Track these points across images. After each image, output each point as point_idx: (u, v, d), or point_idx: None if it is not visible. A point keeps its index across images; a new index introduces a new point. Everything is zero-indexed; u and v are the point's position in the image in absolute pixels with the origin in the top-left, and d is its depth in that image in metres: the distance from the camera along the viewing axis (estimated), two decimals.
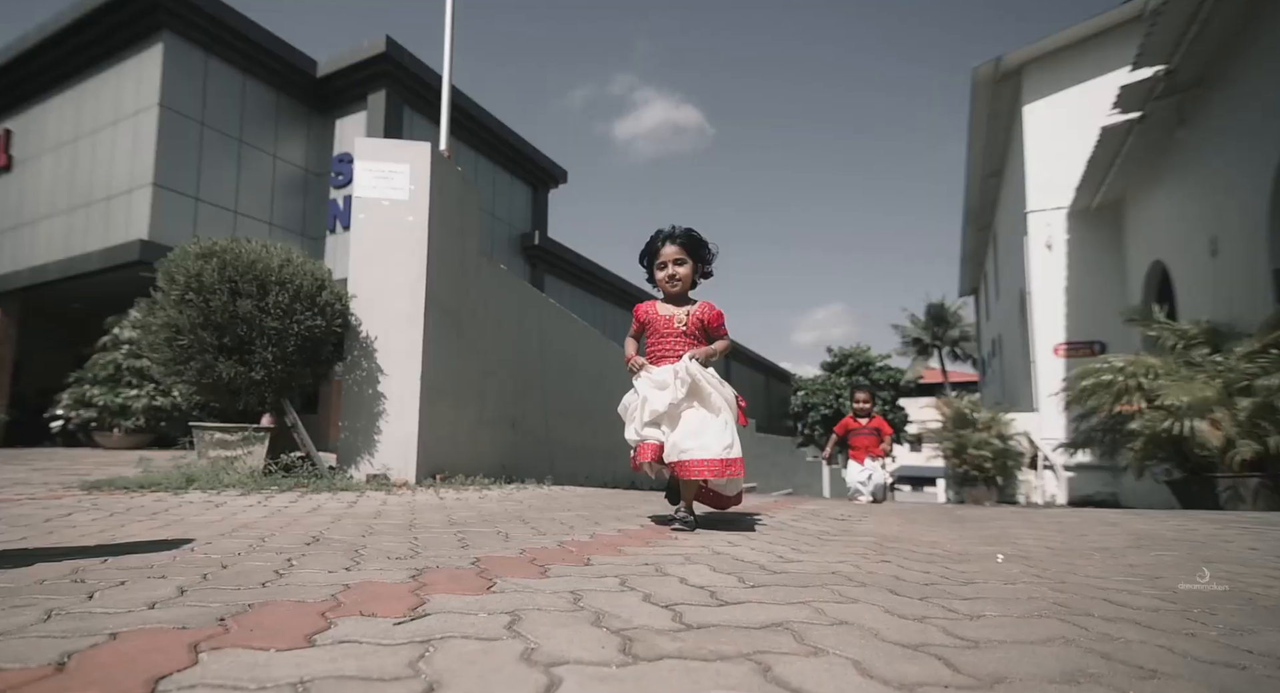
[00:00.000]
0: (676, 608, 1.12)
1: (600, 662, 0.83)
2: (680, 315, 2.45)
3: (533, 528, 2.28)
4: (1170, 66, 6.64)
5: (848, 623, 1.06)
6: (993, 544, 2.23)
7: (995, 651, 0.93)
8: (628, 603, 1.15)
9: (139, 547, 1.67)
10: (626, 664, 0.82)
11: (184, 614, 1.01)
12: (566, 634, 0.95)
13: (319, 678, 0.74)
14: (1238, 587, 1.51)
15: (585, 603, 1.14)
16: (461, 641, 0.90)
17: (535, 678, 0.76)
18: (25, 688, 0.68)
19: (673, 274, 2.44)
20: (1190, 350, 5.31)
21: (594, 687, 0.74)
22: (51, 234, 11.92)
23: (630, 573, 1.43)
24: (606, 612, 1.08)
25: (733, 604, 1.16)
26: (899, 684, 0.78)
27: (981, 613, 1.16)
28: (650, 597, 1.20)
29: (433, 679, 0.75)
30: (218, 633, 0.91)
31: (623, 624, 1.01)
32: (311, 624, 0.96)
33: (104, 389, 10.26)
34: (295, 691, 0.70)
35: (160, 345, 3.47)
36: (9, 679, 0.70)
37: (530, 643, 0.90)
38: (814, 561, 1.70)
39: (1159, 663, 0.90)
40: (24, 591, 1.16)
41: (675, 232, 2.48)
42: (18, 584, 1.21)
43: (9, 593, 1.14)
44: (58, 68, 11.98)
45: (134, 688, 0.69)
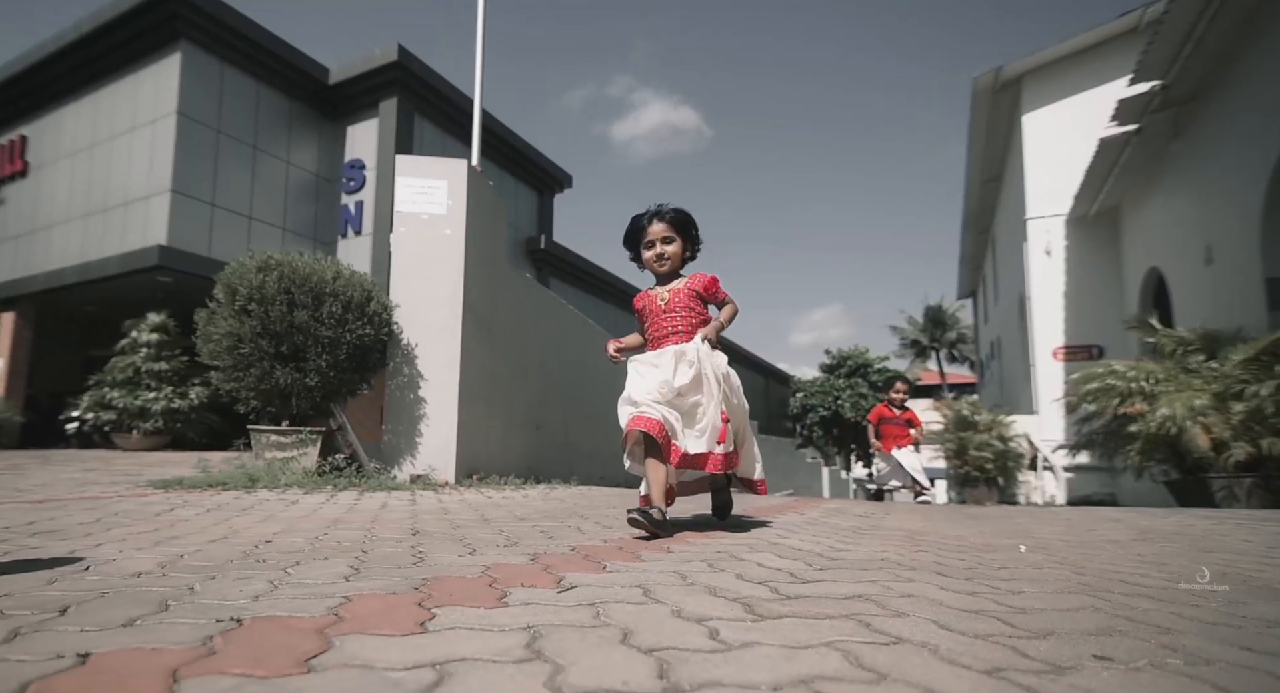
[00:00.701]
0: (769, 584, 1.34)
1: (736, 617, 1.05)
2: (664, 293, 2.35)
3: (594, 523, 2.50)
4: (1166, 82, 6.91)
5: (914, 596, 1.28)
6: (1012, 538, 2.46)
7: (1039, 615, 1.16)
8: (727, 580, 1.37)
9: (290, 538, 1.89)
10: (755, 623, 1.04)
11: (392, 583, 1.23)
12: (695, 600, 1.17)
13: (606, 602, 0.96)
14: (1234, 571, 1.74)
15: (693, 580, 1.36)
16: (618, 605, 1.12)
17: (693, 628, 0.98)
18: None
19: (661, 253, 2.35)
20: (1188, 357, 5.57)
21: (741, 634, 0.96)
22: (68, 239, 12.10)
23: (710, 558, 1.66)
24: (717, 586, 1.30)
25: (812, 582, 1.39)
26: (973, 635, 1.00)
27: (1020, 590, 1.39)
28: (742, 576, 1.42)
29: (625, 627, 0.97)
30: (427, 596, 1.13)
31: (734, 595, 1.23)
32: (497, 593, 1.18)
33: (123, 392, 10.44)
34: (526, 633, 0.93)
35: (221, 353, 3.68)
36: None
37: (671, 606, 1.12)
38: (862, 550, 1.92)
39: (1172, 624, 1.13)
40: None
41: (662, 210, 2.37)
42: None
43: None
44: (74, 76, 12.17)
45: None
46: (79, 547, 1.75)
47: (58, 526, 2.15)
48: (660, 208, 2.37)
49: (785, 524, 2.66)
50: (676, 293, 2.34)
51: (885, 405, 5.59)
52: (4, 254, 13.18)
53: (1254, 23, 6.26)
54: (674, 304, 2.32)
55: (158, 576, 1.37)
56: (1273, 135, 6.08)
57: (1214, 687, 0.79)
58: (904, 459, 5.26)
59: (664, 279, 2.41)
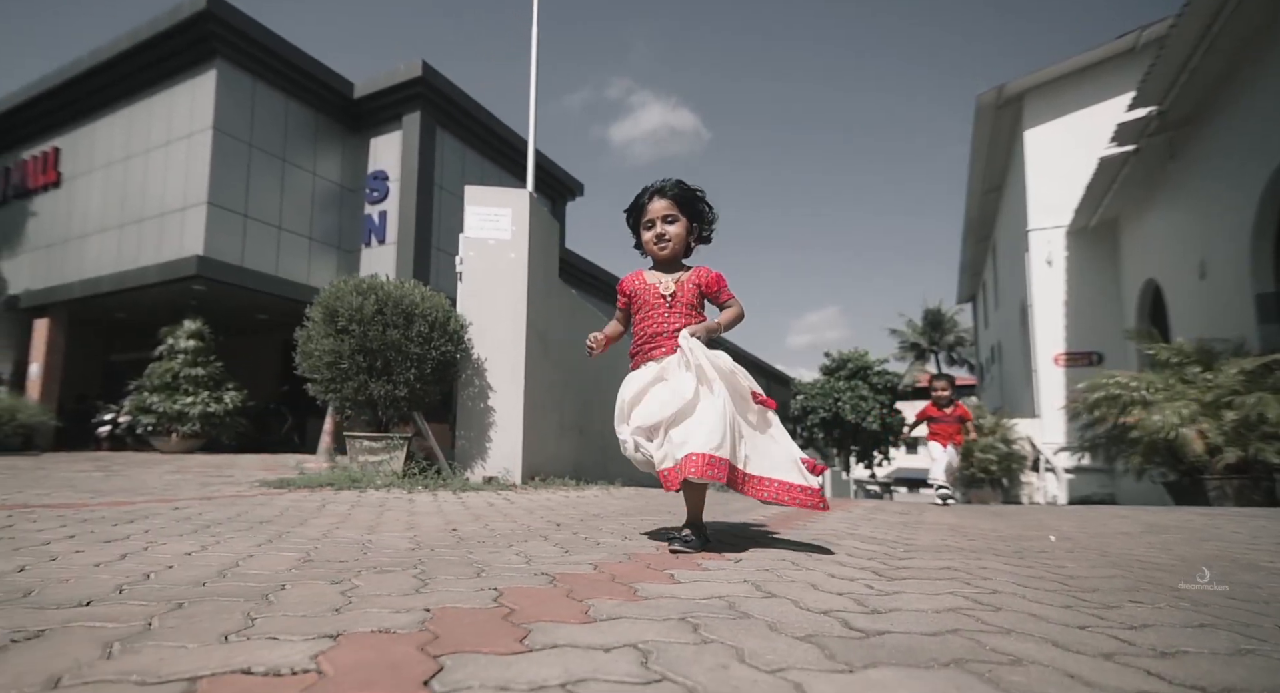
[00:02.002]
0: (876, 560, 1.78)
1: (863, 595, 1.49)
2: (667, 283, 2.08)
3: (677, 519, 2.93)
4: (1162, 108, 7.38)
5: (986, 567, 1.72)
6: (1038, 530, 2.90)
7: (1084, 580, 1.60)
8: (834, 566, 1.81)
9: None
10: (890, 584, 1.47)
11: (599, 558, 1.66)
12: (826, 569, 1.61)
13: (722, 602, 1.39)
14: (1225, 555, 2.19)
15: (794, 575, 1.80)
16: (772, 576, 1.55)
17: (825, 621, 1.42)
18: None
19: (661, 233, 2.07)
20: (1184, 368, 6.03)
21: (881, 601, 1.39)
22: (103, 248, 12.47)
23: (800, 553, 2.09)
24: (831, 572, 1.74)
25: (908, 559, 1.83)
26: (1043, 590, 1.44)
27: (1063, 565, 1.83)
28: (842, 563, 1.86)
29: (761, 597, 1.40)
30: (639, 564, 1.56)
31: (853, 573, 1.67)
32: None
33: (162, 396, 10.84)
34: (746, 587, 1.36)
35: (321, 368, 4.10)
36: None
37: (813, 575, 1.56)
38: (925, 539, 2.37)
39: (1198, 590, 1.57)
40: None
41: (665, 185, 2.09)
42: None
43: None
44: (108, 91, 12.54)
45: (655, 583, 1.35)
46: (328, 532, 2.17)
47: (261, 518, 2.57)
48: (665, 182, 2.10)
49: (844, 520, 3.10)
50: (682, 285, 2.07)
51: (932, 405, 5.58)
52: (37, 262, 13.55)
53: (1244, 54, 6.73)
54: (679, 299, 2.06)
55: (425, 551, 1.80)
56: (1261, 159, 6.54)
57: (1211, 615, 1.23)
58: (942, 457, 5.27)
59: (665, 266, 2.13)
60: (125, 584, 1.28)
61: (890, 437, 35.93)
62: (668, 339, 2.02)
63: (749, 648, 0.90)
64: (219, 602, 1.14)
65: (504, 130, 15.13)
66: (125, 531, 2.06)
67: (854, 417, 34.02)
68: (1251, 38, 6.50)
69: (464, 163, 14.63)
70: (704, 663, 0.82)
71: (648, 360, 2.07)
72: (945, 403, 5.50)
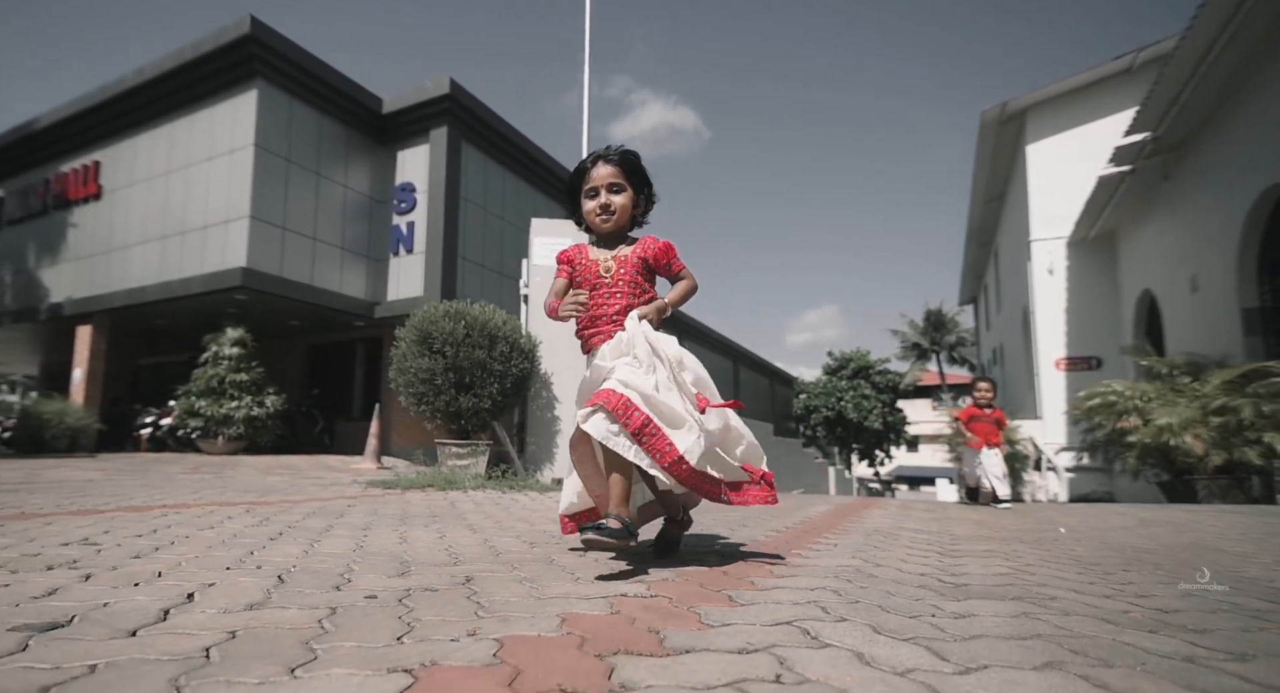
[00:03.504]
0: (938, 547, 2.36)
1: (936, 577, 2.07)
2: (608, 259, 1.90)
3: (739, 516, 3.52)
4: (1157, 134, 7.97)
5: (1017, 549, 2.30)
6: (1049, 524, 3.49)
7: (1090, 557, 2.18)
8: (914, 556, 2.40)
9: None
10: (954, 560, 2.06)
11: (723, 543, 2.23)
12: (900, 554, 2.19)
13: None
14: (1200, 542, 2.78)
15: (866, 557, 2.38)
16: (866, 556, 2.13)
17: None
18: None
19: (606, 203, 1.89)
20: (1175, 378, 6.63)
21: (950, 566, 1.97)
22: (146, 259, 13.02)
23: (883, 532, 2.67)
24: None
25: (959, 545, 2.41)
26: (1067, 562, 2.02)
27: (1073, 549, 2.42)
28: (913, 541, 2.45)
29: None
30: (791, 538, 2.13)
31: (930, 547, 2.25)
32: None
33: (209, 400, 11.43)
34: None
35: (415, 383, 4.68)
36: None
37: (896, 555, 2.14)
38: (961, 531, 2.95)
39: (1160, 562, 2.16)
40: None
41: (611, 151, 1.93)
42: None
43: None
44: (150, 107, 13.09)
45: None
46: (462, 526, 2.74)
47: (415, 513, 3.14)
48: (609, 148, 1.94)
49: (887, 517, 3.68)
50: (624, 261, 1.89)
51: (973, 406, 5.64)
52: (79, 271, 14.10)
53: (1233, 85, 7.32)
54: (620, 276, 1.87)
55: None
56: (1247, 184, 7.13)
57: (1169, 574, 1.82)
58: (990, 464, 5.27)
59: (608, 240, 1.96)
60: (452, 549, 1.84)
61: (892, 435, 36.57)
62: (608, 323, 1.83)
63: (889, 595, 1.48)
64: (507, 569, 1.70)
65: (526, 145, 15.73)
66: (327, 523, 2.62)
67: (856, 416, 34.72)
68: (1237, 73, 7.09)
69: (486, 175, 15.21)
70: (866, 601, 1.40)
71: (592, 349, 1.89)
72: (986, 404, 5.50)
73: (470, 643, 0.99)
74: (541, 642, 1.01)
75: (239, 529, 2.32)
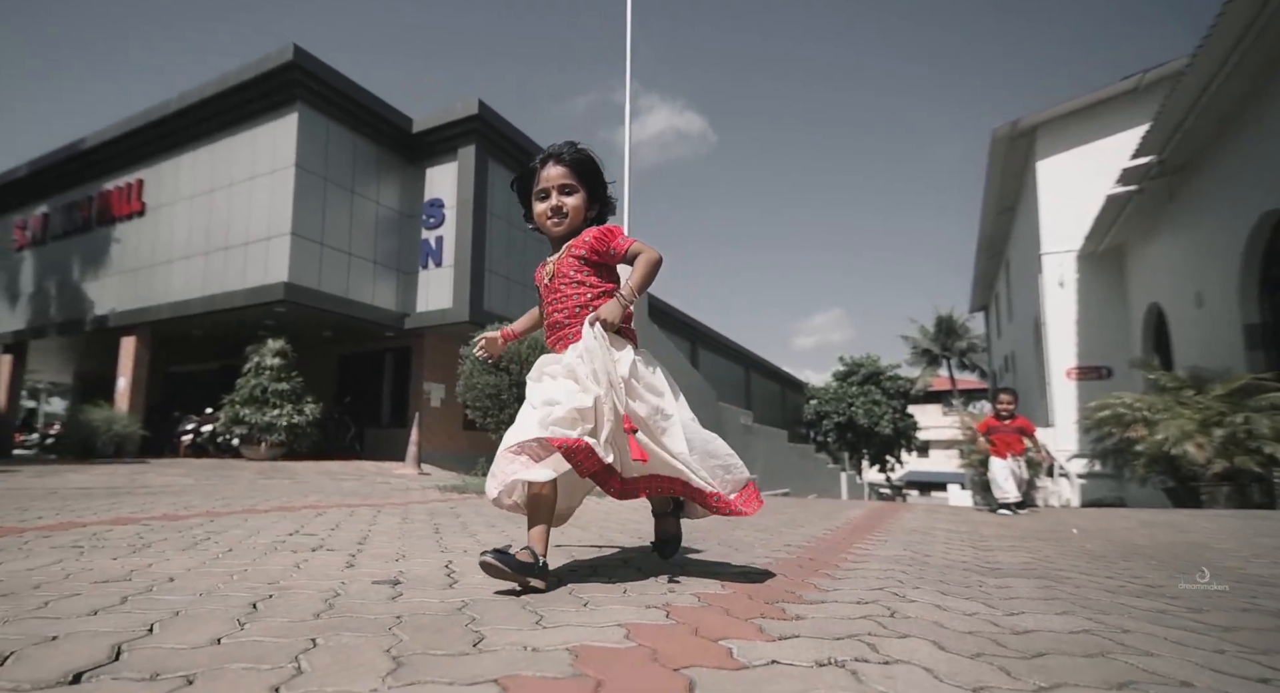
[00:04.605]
0: (969, 541, 2.82)
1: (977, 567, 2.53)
2: (549, 266, 1.82)
3: (789, 518, 3.98)
4: (1162, 157, 8.40)
5: (1037, 545, 2.75)
6: (1063, 526, 3.93)
7: (1100, 551, 2.63)
8: (962, 552, 2.85)
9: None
10: (985, 549, 2.51)
11: (809, 534, 2.70)
12: (940, 548, 2.65)
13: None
14: (1190, 540, 3.22)
15: (912, 550, 2.84)
16: (914, 548, 2.59)
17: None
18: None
19: (558, 206, 1.80)
20: (1180, 391, 7.04)
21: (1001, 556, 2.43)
22: (189, 273, 13.62)
23: (920, 531, 3.13)
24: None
25: (987, 541, 2.86)
26: (1085, 558, 2.47)
27: (1085, 545, 2.87)
28: (948, 538, 2.91)
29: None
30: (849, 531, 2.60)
31: (962, 542, 2.71)
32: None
33: (253, 409, 11.98)
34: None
35: (482, 399, 5.17)
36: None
37: (937, 547, 2.60)
38: (989, 532, 3.40)
39: (1155, 554, 2.61)
40: None
41: (563, 149, 1.83)
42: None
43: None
44: (194, 129, 13.72)
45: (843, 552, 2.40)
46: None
47: (500, 515, 3.62)
48: (561, 147, 1.85)
49: (920, 519, 4.13)
50: (560, 263, 1.79)
51: (993, 417, 5.68)
52: (123, 285, 14.72)
53: (1235, 114, 7.74)
54: (559, 280, 1.78)
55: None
56: (1248, 205, 7.55)
57: (1175, 572, 2.27)
58: (1004, 469, 5.33)
59: (559, 245, 1.86)
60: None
61: (903, 441, 36.73)
62: (562, 330, 1.76)
63: (943, 573, 1.93)
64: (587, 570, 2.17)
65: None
66: (460, 520, 3.10)
67: (867, 421, 35.01)
68: (1238, 102, 7.51)
69: (508, 190, 15.73)
70: (928, 577, 1.86)
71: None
72: (1007, 415, 5.54)
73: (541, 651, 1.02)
74: (613, 653, 1.01)
75: (400, 524, 2.81)
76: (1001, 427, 5.51)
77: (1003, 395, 5.66)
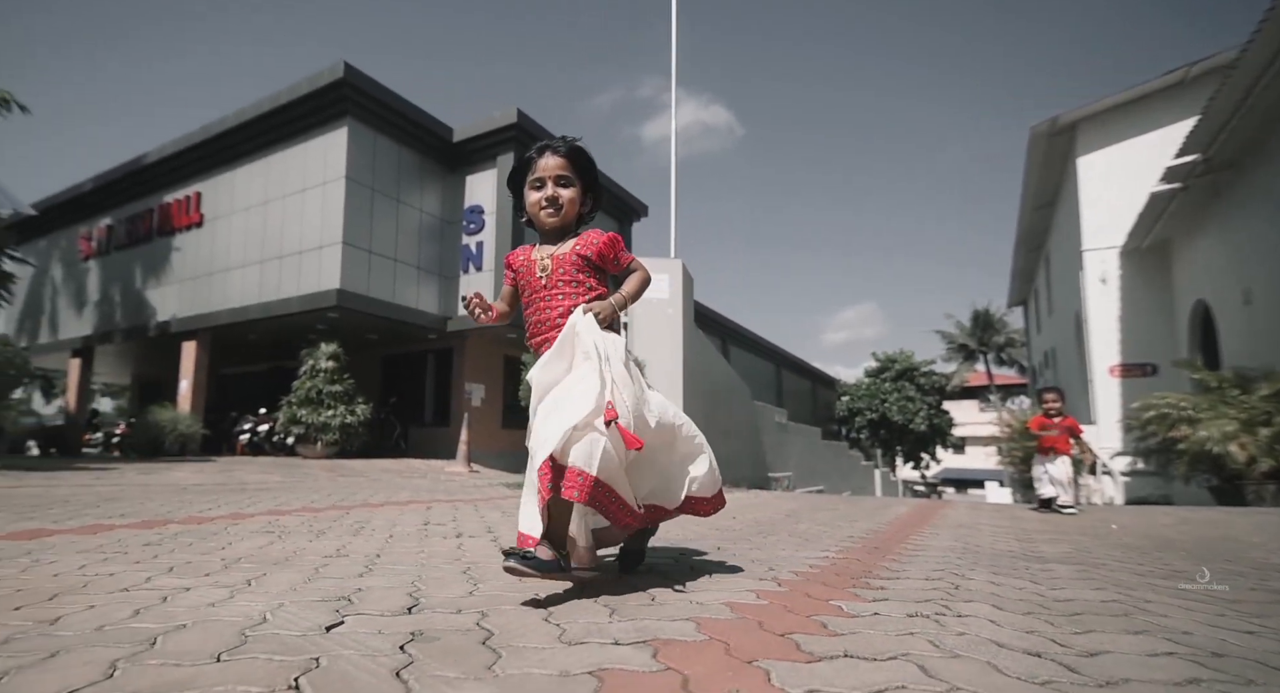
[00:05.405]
0: (1014, 534, 3.03)
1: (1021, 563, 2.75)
2: (544, 261, 1.77)
3: (842, 514, 4.21)
4: (1208, 155, 8.34)
5: (1080, 539, 2.95)
6: (1103, 523, 4.09)
7: (1136, 543, 2.82)
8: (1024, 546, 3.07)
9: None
10: (1029, 542, 2.73)
11: (860, 529, 2.94)
12: (989, 540, 2.87)
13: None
14: (1223, 535, 3.37)
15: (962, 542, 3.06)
16: (965, 541, 2.82)
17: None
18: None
19: (554, 196, 1.77)
20: (1225, 391, 7.03)
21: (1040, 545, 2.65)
22: (245, 281, 14.32)
23: (967, 525, 3.34)
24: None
25: (1031, 534, 3.07)
26: (1118, 548, 2.67)
27: (1122, 538, 3.06)
28: (994, 532, 3.12)
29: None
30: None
31: (1008, 534, 2.93)
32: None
33: (309, 409, 12.59)
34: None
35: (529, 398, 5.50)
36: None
37: (985, 540, 2.82)
38: (1032, 527, 3.59)
39: (1189, 549, 2.79)
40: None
41: (560, 142, 1.83)
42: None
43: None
44: (248, 143, 14.42)
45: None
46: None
47: None
48: (559, 139, 1.84)
49: (966, 515, 4.32)
50: (561, 259, 1.75)
51: (1042, 416, 5.61)
52: (183, 292, 15.52)
53: (1277, 116, 7.66)
54: (558, 277, 1.75)
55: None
56: None
57: (1202, 562, 2.46)
58: (1056, 471, 5.25)
59: (550, 237, 1.83)
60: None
61: (938, 437, 36.24)
62: (552, 329, 1.71)
63: (994, 560, 2.17)
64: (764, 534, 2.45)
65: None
66: None
67: (901, 418, 34.68)
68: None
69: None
70: (981, 563, 2.09)
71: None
72: (1055, 414, 5.47)
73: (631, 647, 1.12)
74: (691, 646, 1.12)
75: (502, 518, 3.14)
76: (1052, 425, 5.43)
77: (1048, 395, 5.60)
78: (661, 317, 6.17)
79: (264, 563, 1.91)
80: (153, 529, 2.53)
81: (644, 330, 6.17)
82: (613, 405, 1.52)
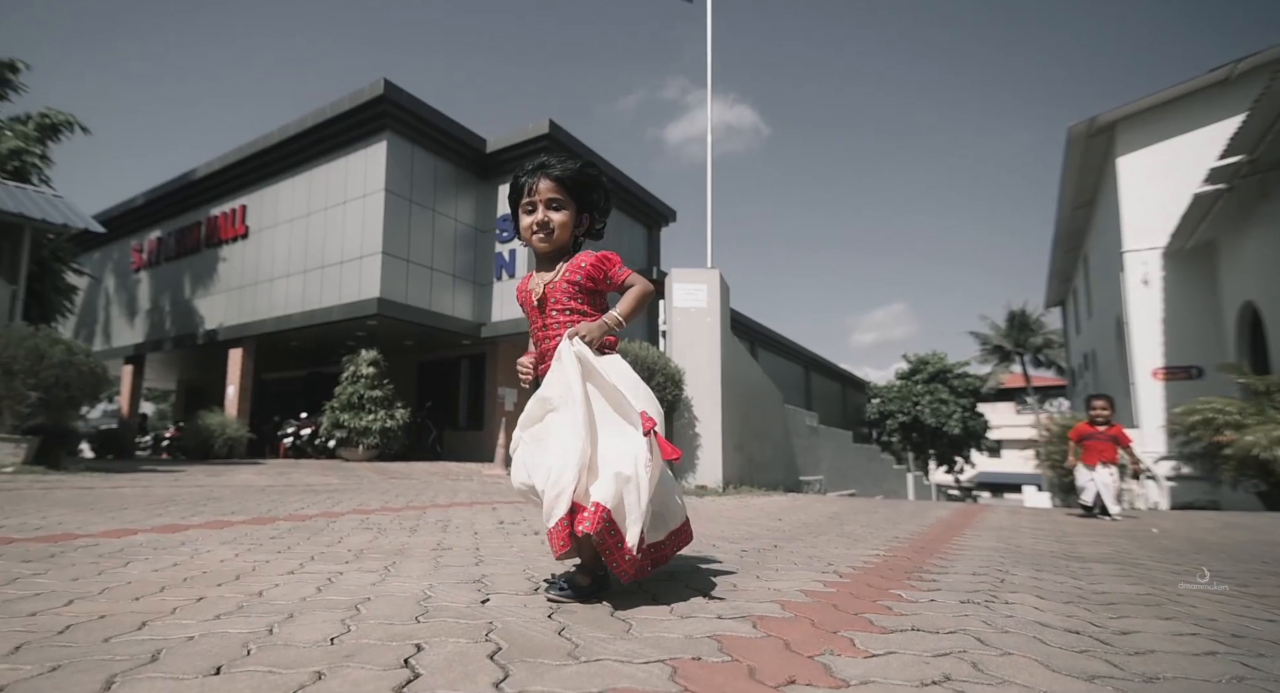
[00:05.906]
0: (1054, 537, 3.09)
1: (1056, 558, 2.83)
2: (538, 290, 1.72)
3: (884, 517, 4.29)
4: (1254, 156, 8.17)
5: (1118, 540, 3.01)
6: (1144, 527, 4.11)
7: (1176, 547, 2.87)
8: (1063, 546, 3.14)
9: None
10: (1070, 543, 2.80)
11: (909, 529, 3.04)
12: (1031, 542, 2.94)
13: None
14: (1256, 539, 3.38)
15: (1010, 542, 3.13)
16: (1009, 543, 2.90)
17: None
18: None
19: (544, 220, 1.70)
20: (1272, 395, 6.89)
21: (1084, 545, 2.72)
22: (289, 290, 14.85)
23: (1007, 528, 3.41)
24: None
25: (1070, 536, 3.13)
26: (1158, 550, 2.73)
27: (1162, 540, 3.10)
28: (1034, 534, 3.19)
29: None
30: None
31: (1049, 537, 3.00)
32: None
33: (350, 414, 12.99)
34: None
35: None
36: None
37: (1027, 542, 2.90)
38: (1072, 530, 3.64)
39: (1222, 548, 2.83)
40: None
41: (551, 163, 1.77)
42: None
43: None
44: (291, 158, 14.97)
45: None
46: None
47: None
48: (550, 160, 1.78)
49: (1005, 519, 4.37)
50: (553, 288, 1.70)
51: (1087, 423, 5.45)
52: (230, 301, 16.14)
53: None
54: (551, 306, 1.70)
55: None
56: None
57: (1237, 562, 2.51)
58: (1101, 478, 5.11)
59: (546, 261, 1.78)
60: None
61: (973, 440, 35.55)
62: (552, 357, 1.64)
63: (1036, 559, 2.25)
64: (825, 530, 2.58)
65: (619, 177, 16.92)
66: None
67: (934, 421, 34.09)
68: None
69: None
70: (1023, 561, 2.18)
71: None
72: (1103, 422, 5.30)
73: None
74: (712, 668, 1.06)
75: None
76: (1097, 433, 5.26)
77: (1097, 402, 5.41)
78: (700, 325, 6.32)
79: (386, 554, 2.13)
80: (267, 525, 2.77)
81: (683, 339, 6.32)
82: (647, 415, 1.49)
